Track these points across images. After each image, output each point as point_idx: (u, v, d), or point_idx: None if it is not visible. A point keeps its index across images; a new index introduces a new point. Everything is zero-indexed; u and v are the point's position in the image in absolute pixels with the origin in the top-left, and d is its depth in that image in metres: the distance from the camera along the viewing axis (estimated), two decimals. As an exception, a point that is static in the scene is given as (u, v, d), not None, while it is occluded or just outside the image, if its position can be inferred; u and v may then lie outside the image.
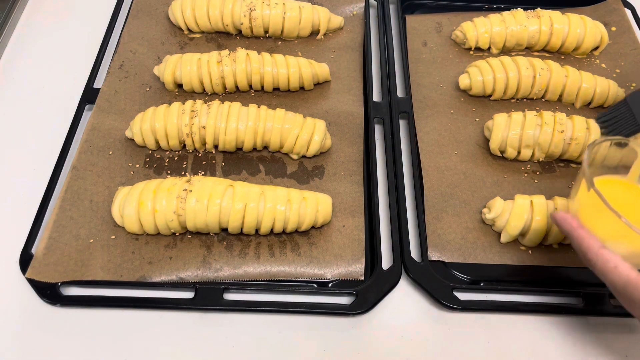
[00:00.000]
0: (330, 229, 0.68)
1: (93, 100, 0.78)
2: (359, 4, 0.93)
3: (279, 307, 0.62)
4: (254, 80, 0.79)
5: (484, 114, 0.80)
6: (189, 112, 0.71)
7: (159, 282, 0.63)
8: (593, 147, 0.56)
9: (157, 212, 0.63)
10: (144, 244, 0.65)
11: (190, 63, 0.77)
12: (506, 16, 0.87)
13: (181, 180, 0.65)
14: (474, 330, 0.62)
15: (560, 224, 0.56)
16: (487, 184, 0.73)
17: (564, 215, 0.56)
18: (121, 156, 0.73)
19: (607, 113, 0.74)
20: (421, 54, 0.88)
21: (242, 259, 0.65)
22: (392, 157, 0.74)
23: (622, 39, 0.90)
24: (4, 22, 0.89)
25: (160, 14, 0.90)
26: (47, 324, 0.61)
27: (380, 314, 0.63)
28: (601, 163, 0.58)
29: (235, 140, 0.72)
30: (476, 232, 0.69)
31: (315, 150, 0.73)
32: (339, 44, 0.88)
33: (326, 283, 0.64)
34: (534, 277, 0.66)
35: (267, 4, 0.84)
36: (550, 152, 0.73)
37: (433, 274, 0.64)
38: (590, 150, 0.56)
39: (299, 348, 0.61)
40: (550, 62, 0.80)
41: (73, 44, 0.90)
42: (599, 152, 0.57)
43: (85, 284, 0.63)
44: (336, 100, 0.81)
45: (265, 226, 0.64)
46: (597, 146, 0.56)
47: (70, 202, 0.68)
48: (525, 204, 0.66)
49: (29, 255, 0.64)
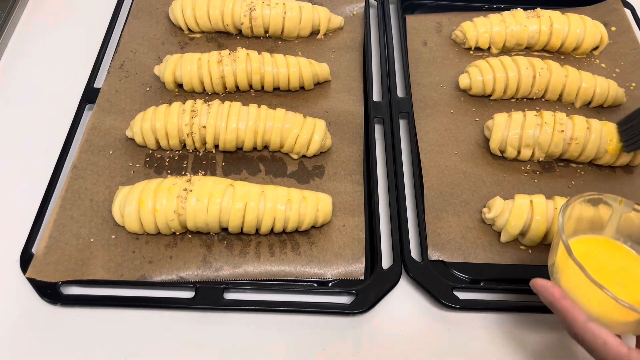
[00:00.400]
0: (330, 229, 0.68)
1: (93, 99, 0.78)
2: (359, 4, 0.93)
3: (279, 307, 0.62)
4: (254, 80, 0.79)
5: (484, 114, 0.80)
6: (189, 112, 0.71)
7: (160, 282, 0.63)
8: (566, 210, 0.53)
9: (157, 212, 0.63)
10: (145, 244, 0.65)
11: (191, 63, 0.77)
12: (506, 16, 0.87)
13: (181, 180, 0.65)
14: (474, 330, 0.62)
15: (541, 294, 0.52)
16: (487, 184, 0.73)
17: (544, 284, 0.51)
18: (121, 156, 0.73)
19: (629, 119, 0.71)
20: (421, 53, 0.88)
21: (242, 259, 0.65)
22: (392, 156, 0.74)
23: (622, 39, 0.90)
24: (4, 22, 0.89)
25: (160, 14, 0.90)
26: (47, 324, 0.61)
27: (380, 313, 0.63)
28: (576, 220, 0.56)
29: (236, 140, 0.72)
30: (476, 231, 0.69)
31: (316, 150, 0.73)
32: (339, 44, 0.88)
33: (326, 282, 0.64)
34: (534, 276, 0.66)
35: (267, 3, 0.84)
36: (550, 152, 0.73)
37: (433, 274, 0.64)
38: (563, 214, 0.53)
39: (299, 348, 0.61)
40: (550, 62, 0.80)
41: (73, 43, 0.90)
42: (572, 211, 0.55)
43: (85, 284, 0.63)
44: (336, 100, 0.81)
45: (265, 225, 0.64)
46: (570, 207, 0.54)
47: (71, 202, 0.68)
48: (525, 203, 0.66)
49: (30, 255, 0.64)
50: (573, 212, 0.55)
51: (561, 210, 0.53)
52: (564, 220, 0.53)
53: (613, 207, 0.57)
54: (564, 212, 0.53)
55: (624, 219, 0.57)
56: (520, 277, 0.66)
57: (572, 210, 0.55)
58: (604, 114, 0.81)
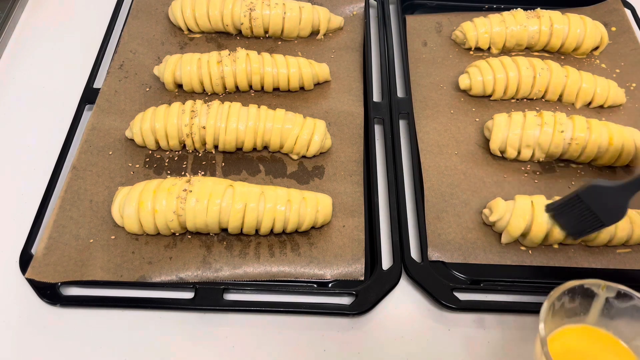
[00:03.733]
0: (330, 229, 0.67)
1: (93, 100, 0.78)
2: (359, 4, 0.93)
3: (279, 307, 0.62)
4: (254, 80, 0.79)
5: (484, 114, 0.80)
6: (189, 112, 0.71)
7: (159, 282, 0.63)
8: (546, 307, 0.51)
9: (157, 212, 0.63)
10: (144, 244, 0.65)
11: (190, 63, 0.77)
12: (506, 16, 0.87)
13: (181, 181, 0.65)
14: (474, 330, 0.62)
15: None
16: (487, 184, 0.73)
17: None
18: (121, 156, 0.73)
19: (559, 205, 0.64)
20: (421, 54, 0.88)
21: (242, 259, 0.65)
22: (392, 157, 0.74)
23: (622, 39, 0.90)
24: (4, 22, 0.89)
25: (160, 14, 0.90)
26: (47, 324, 0.61)
27: (380, 314, 0.63)
28: (560, 309, 0.54)
29: (235, 140, 0.72)
30: (476, 232, 0.69)
31: (315, 151, 0.73)
32: (339, 44, 0.88)
33: (326, 283, 0.64)
34: (534, 277, 0.66)
35: (267, 4, 0.84)
36: (550, 152, 0.73)
37: (433, 274, 0.64)
38: (542, 318, 0.50)
39: (299, 348, 0.61)
40: (550, 62, 0.80)
41: (73, 44, 0.90)
42: (555, 303, 0.53)
43: (85, 284, 0.63)
44: (336, 100, 0.81)
45: (265, 226, 0.64)
46: (549, 301, 0.52)
47: (70, 202, 0.68)
48: (527, 204, 0.66)
49: (29, 255, 0.64)
50: (555, 304, 0.53)
51: (541, 312, 0.51)
52: (544, 324, 0.50)
53: (596, 293, 0.54)
54: (545, 312, 0.51)
55: (607, 304, 0.54)
56: (520, 278, 0.66)
57: (553, 305, 0.52)
58: (604, 114, 0.81)
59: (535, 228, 0.65)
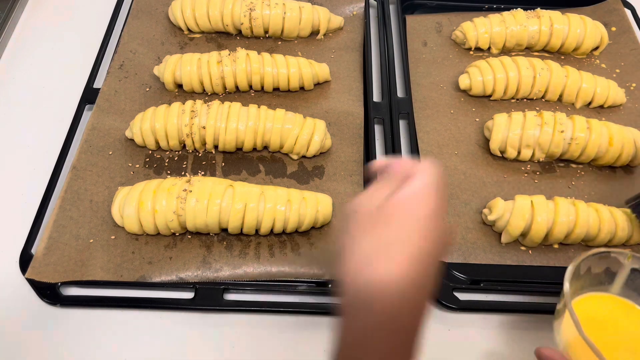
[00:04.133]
0: (330, 229, 0.67)
1: (93, 100, 0.78)
2: (359, 4, 0.93)
3: (279, 307, 0.62)
4: (254, 80, 0.79)
5: (484, 114, 0.80)
6: (189, 112, 0.71)
7: (159, 282, 0.63)
8: (573, 269, 0.51)
9: (157, 212, 0.63)
10: (144, 244, 0.65)
11: (190, 63, 0.77)
12: (506, 16, 0.87)
13: (181, 181, 0.65)
14: (474, 331, 0.62)
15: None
16: (487, 184, 0.73)
17: (551, 353, 0.48)
18: (121, 156, 0.73)
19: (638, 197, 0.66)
20: (421, 54, 0.88)
21: (242, 259, 0.65)
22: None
23: (622, 39, 0.90)
24: (4, 22, 0.89)
25: (160, 14, 0.90)
26: (47, 324, 0.61)
27: (380, 314, 0.63)
28: (583, 277, 0.54)
29: (235, 140, 0.72)
30: (476, 232, 0.69)
31: (315, 151, 0.73)
32: (339, 44, 0.88)
33: (326, 283, 0.64)
34: (534, 277, 0.66)
35: (267, 4, 0.84)
36: (550, 152, 0.73)
37: (433, 274, 0.64)
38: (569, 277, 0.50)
39: (299, 348, 0.61)
40: (550, 62, 0.80)
41: (73, 44, 0.90)
42: (580, 268, 0.53)
43: (85, 284, 0.63)
44: (336, 100, 0.80)
45: (265, 226, 0.64)
46: (576, 265, 0.52)
47: (70, 202, 0.68)
48: (526, 204, 0.66)
49: (29, 255, 0.64)
50: (581, 268, 0.53)
51: (567, 273, 0.50)
52: (570, 284, 0.50)
53: (622, 263, 0.54)
54: (570, 274, 0.51)
55: (632, 275, 0.54)
56: (520, 278, 0.66)
57: (578, 268, 0.52)
58: (604, 114, 0.81)
59: (535, 228, 0.65)
